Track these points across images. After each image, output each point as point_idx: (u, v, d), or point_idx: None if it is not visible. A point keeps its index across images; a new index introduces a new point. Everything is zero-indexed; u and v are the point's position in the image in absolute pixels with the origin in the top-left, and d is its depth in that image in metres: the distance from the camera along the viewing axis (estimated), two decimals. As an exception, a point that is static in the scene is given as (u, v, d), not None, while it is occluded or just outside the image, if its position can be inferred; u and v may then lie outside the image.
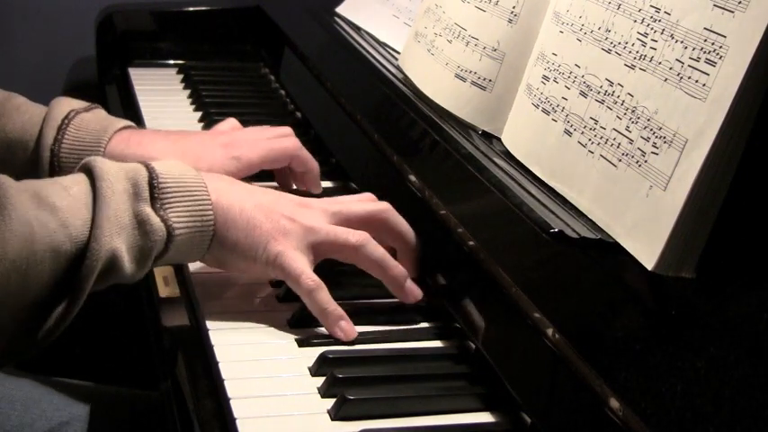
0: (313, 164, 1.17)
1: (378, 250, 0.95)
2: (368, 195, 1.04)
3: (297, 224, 0.94)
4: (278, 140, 1.15)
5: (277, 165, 1.16)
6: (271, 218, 0.93)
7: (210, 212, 0.90)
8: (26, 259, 0.78)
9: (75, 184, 0.86)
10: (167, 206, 0.88)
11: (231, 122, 1.21)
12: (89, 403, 1.12)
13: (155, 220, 0.86)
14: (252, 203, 0.93)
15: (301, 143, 1.17)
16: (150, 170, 0.88)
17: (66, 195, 0.84)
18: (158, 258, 0.89)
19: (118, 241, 0.83)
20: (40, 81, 1.92)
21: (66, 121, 1.08)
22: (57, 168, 1.08)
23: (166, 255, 0.89)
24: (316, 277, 0.92)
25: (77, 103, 1.12)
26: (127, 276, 0.86)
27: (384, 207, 1.00)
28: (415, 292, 0.97)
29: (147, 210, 0.86)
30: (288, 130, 1.19)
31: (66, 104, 1.11)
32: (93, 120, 1.10)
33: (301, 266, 0.92)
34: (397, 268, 0.96)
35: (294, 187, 1.21)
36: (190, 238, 0.89)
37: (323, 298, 0.92)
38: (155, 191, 0.87)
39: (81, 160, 0.90)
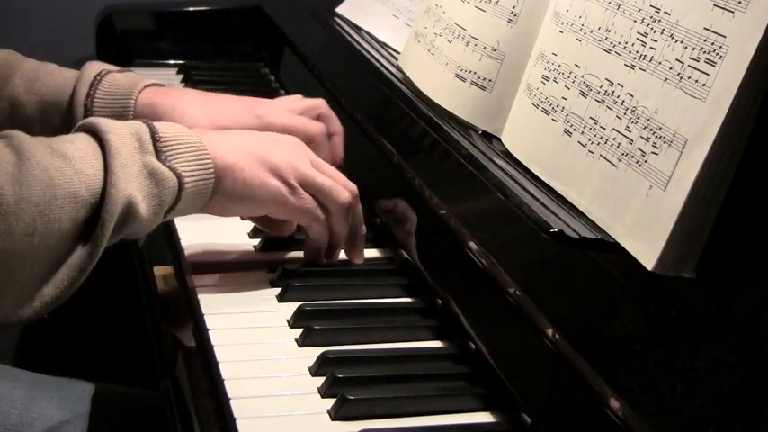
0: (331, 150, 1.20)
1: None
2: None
3: (287, 166, 0.98)
4: (303, 122, 1.17)
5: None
6: (263, 161, 0.97)
7: (210, 162, 0.93)
8: (48, 204, 0.80)
9: (78, 140, 0.88)
10: (171, 158, 0.91)
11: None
12: (89, 403, 1.12)
13: (164, 170, 0.89)
14: (245, 150, 0.97)
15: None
16: (151, 127, 0.92)
17: (73, 148, 0.86)
18: (170, 210, 0.92)
19: (133, 188, 0.86)
20: (39, 81, 1.91)
21: (98, 78, 1.14)
22: None
23: (177, 205, 0.92)
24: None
25: (110, 66, 1.18)
26: (142, 225, 0.89)
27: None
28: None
29: (155, 161, 0.89)
30: (319, 104, 1.22)
31: (98, 66, 1.17)
32: (124, 78, 1.16)
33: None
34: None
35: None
36: (196, 187, 0.92)
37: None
38: (157, 144, 0.90)
39: (113, 114, 0.91)
